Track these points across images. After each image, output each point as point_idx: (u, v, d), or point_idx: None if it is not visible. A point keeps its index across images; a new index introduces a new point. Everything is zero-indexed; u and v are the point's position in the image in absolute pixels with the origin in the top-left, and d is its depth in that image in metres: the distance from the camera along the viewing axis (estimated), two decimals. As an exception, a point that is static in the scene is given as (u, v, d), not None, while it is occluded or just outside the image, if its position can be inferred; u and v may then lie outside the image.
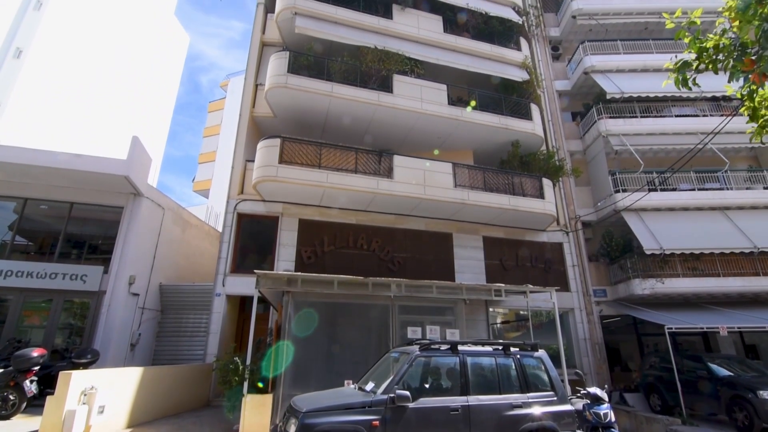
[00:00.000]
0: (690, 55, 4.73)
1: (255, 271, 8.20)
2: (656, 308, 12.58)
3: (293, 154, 10.90)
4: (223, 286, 11.08)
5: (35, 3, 19.86)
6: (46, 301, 11.08)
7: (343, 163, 11.20)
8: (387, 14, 13.90)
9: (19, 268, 10.79)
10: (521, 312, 12.84)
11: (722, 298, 13.23)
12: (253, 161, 11.47)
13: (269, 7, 14.35)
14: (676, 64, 4.71)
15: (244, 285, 10.82)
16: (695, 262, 12.80)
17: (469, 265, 12.85)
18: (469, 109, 12.94)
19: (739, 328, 11.15)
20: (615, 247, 13.79)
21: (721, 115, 14.10)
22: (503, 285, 10.01)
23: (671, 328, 10.39)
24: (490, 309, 12.45)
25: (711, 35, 4.54)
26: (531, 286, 10.38)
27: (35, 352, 8.16)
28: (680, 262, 12.78)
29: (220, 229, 14.04)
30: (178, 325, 12.76)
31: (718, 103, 15.50)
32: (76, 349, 10.06)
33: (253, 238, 12.01)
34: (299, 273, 8.77)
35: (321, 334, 8.93)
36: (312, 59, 12.12)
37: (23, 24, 19.49)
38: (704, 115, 15.12)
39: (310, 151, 11.11)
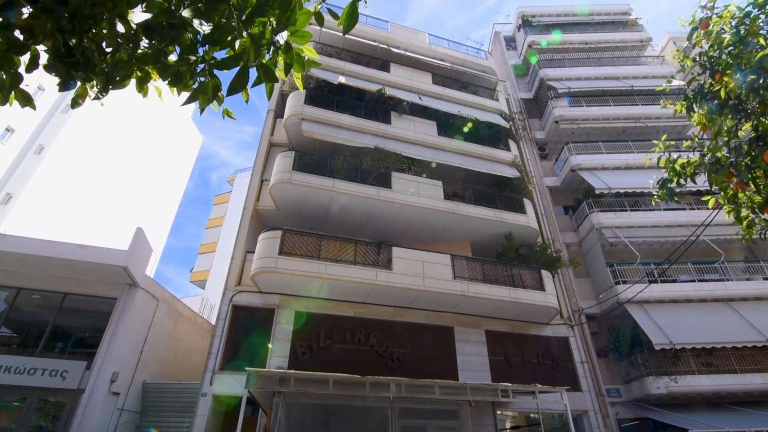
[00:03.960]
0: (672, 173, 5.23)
1: (246, 368, 7.78)
2: (676, 409, 11.68)
3: (293, 245, 11.05)
4: (211, 384, 10.36)
5: (64, 106, 21.79)
6: (20, 399, 10.26)
7: (342, 255, 11.29)
8: (386, 119, 15.24)
9: (-3, 363, 10.19)
10: (531, 415, 11.86)
11: (744, 397, 12.35)
12: (253, 252, 11.56)
13: (278, 113, 15.77)
14: (658, 183, 5.19)
15: (233, 384, 10.12)
16: (708, 357, 12.23)
17: (473, 361, 12.20)
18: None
19: (769, 433, 10.26)
20: (623, 342, 13.26)
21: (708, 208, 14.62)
22: (510, 384, 9.43)
23: (696, 434, 9.55)
24: (498, 412, 11.52)
25: (688, 159, 5.04)
26: (539, 385, 9.76)
27: (-5, 464, 7.35)
28: (693, 357, 12.22)
29: (213, 322, 13.60)
30: (157, 429, 11.65)
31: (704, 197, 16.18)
32: (41, 459, 9.05)
33: (246, 332, 11.56)
34: (292, 371, 8.32)
35: (313, 441, 8.16)
36: (316, 158, 12.95)
37: (50, 124, 21.17)
38: (691, 209, 15.69)
39: (311, 242, 11.29)
